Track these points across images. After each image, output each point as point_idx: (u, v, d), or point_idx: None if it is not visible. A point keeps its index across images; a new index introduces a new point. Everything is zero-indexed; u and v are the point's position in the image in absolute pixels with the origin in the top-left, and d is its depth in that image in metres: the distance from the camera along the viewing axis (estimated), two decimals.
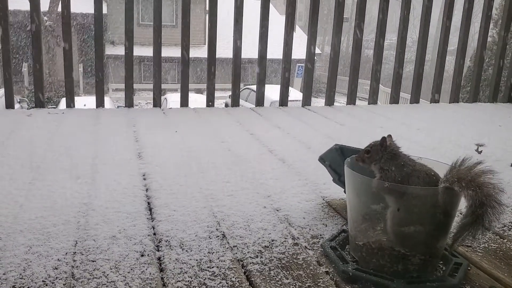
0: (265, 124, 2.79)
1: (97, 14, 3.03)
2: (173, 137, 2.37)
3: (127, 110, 3.05)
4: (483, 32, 3.74)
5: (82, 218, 1.38)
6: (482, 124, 3.01)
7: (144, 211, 1.45)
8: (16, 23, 15.72)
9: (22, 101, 13.12)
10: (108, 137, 2.33)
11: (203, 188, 1.66)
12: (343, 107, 3.49)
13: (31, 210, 1.41)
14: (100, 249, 1.20)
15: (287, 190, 1.67)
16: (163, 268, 1.13)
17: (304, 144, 2.32)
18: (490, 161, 2.00)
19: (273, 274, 1.12)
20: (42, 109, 2.96)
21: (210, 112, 3.09)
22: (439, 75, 3.70)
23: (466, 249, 1.28)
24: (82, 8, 15.44)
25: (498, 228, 1.43)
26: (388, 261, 1.09)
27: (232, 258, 1.19)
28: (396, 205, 1.05)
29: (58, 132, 2.41)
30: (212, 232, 1.32)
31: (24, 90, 16.50)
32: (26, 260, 1.13)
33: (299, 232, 1.35)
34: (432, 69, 4.19)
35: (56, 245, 1.21)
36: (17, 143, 2.17)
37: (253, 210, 1.49)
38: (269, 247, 1.25)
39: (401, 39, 3.58)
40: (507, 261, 1.23)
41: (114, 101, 14.81)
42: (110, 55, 18.43)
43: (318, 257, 1.21)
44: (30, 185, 1.63)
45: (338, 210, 1.52)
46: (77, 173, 1.76)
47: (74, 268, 1.11)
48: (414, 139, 2.49)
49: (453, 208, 1.06)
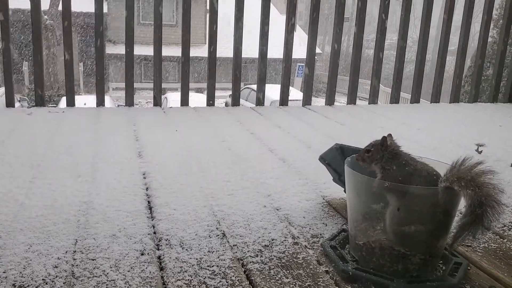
0: (266, 124, 2.79)
1: (97, 13, 3.03)
2: (173, 136, 2.37)
3: (127, 109, 3.05)
4: (484, 32, 3.74)
5: (82, 216, 1.38)
6: (483, 124, 3.01)
7: (144, 210, 1.45)
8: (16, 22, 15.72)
9: (22, 99, 13.12)
10: (108, 136, 2.33)
11: (203, 187, 1.66)
12: (344, 107, 3.49)
13: (31, 209, 1.41)
14: (100, 248, 1.20)
15: (287, 190, 1.67)
16: (163, 267, 1.13)
17: (305, 143, 2.32)
18: (490, 161, 2.00)
19: (273, 273, 1.12)
20: (42, 108, 2.96)
21: (211, 111, 3.09)
22: (440, 75, 3.70)
23: (466, 248, 1.28)
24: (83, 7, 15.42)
25: (498, 228, 1.43)
26: (388, 261, 1.09)
27: (232, 257, 1.19)
28: (396, 205, 1.06)
29: (59, 131, 2.41)
30: (212, 231, 1.32)
31: (24, 89, 16.51)
32: (26, 258, 1.13)
33: (299, 231, 1.35)
34: (432, 69, 4.19)
35: (56, 243, 1.21)
36: (17, 142, 2.17)
37: (253, 209, 1.49)
38: (269, 246, 1.25)
39: (401, 38, 3.57)
40: (507, 261, 1.23)
41: (114, 100, 14.80)
42: (111, 54, 18.44)
43: (318, 257, 1.21)
44: (31, 183, 1.63)
45: (338, 209, 1.52)
46: (77, 172, 1.76)
47: (74, 266, 1.11)
48: (415, 139, 2.49)
49: (453, 207, 1.06)
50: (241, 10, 3.19)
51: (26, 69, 16.36)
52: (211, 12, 3.17)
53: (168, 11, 19.16)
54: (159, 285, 1.05)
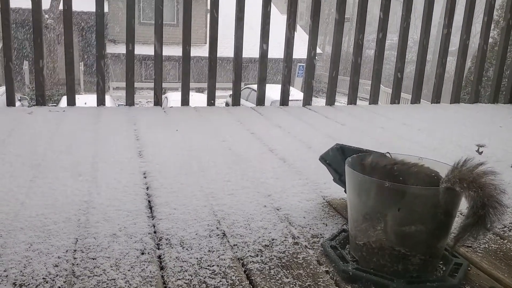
0: (266, 124, 2.79)
1: (98, 12, 3.03)
2: (174, 135, 2.37)
3: (128, 109, 3.05)
4: (484, 33, 3.74)
5: (83, 216, 1.38)
6: (483, 124, 3.01)
7: (144, 210, 1.45)
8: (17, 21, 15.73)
9: (23, 99, 13.13)
10: (108, 136, 2.33)
11: (204, 186, 1.66)
12: (344, 107, 3.50)
13: (32, 208, 1.41)
14: (101, 247, 1.20)
15: (287, 189, 1.67)
16: (164, 266, 1.13)
17: (305, 143, 2.32)
18: (491, 162, 2.00)
19: (273, 273, 1.12)
20: (43, 107, 2.96)
21: (211, 111, 3.09)
22: (440, 75, 3.70)
23: (467, 249, 1.28)
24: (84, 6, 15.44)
25: (499, 228, 1.43)
26: (389, 261, 1.09)
27: (232, 256, 1.19)
28: (397, 205, 1.06)
29: (59, 130, 2.41)
30: (212, 230, 1.33)
31: (25, 88, 16.52)
32: (27, 257, 1.13)
33: (299, 231, 1.35)
34: (433, 69, 4.19)
35: (56, 242, 1.21)
36: (18, 141, 2.17)
37: (253, 209, 1.49)
38: (269, 246, 1.25)
39: (402, 38, 3.57)
40: (507, 261, 1.23)
41: (115, 100, 14.81)
42: (111, 54, 18.45)
43: (318, 257, 1.21)
44: (31, 182, 1.63)
45: (339, 209, 1.52)
46: (78, 171, 1.76)
47: (75, 265, 1.11)
48: (415, 139, 2.49)
49: (454, 208, 1.06)
50: (242, 10, 3.19)
51: (26, 68, 16.37)
52: (212, 9, 3.17)
53: (169, 11, 19.16)
54: (159, 285, 1.05)
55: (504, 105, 3.83)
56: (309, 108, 3.35)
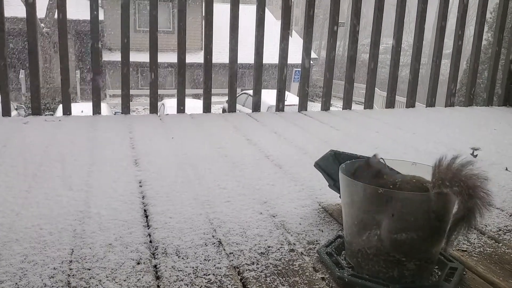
0: (262, 130, 2.80)
1: (93, 19, 3.04)
2: (170, 143, 2.37)
3: (123, 117, 3.05)
4: (478, 36, 3.77)
5: (79, 226, 1.38)
6: (478, 128, 3.03)
7: (140, 219, 1.45)
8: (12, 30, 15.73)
9: (19, 108, 13.11)
10: (104, 144, 2.33)
11: (200, 194, 1.66)
12: (339, 112, 3.51)
13: (27, 219, 1.41)
14: (96, 257, 1.20)
15: (283, 196, 1.68)
16: (159, 276, 1.13)
17: (301, 149, 2.33)
18: (485, 165, 2.01)
19: (269, 281, 1.12)
20: (39, 117, 2.96)
21: (207, 118, 3.10)
22: (434, 79, 3.72)
23: (462, 253, 1.29)
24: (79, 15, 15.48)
25: (493, 232, 1.44)
26: (384, 267, 1.09)
27: (228, 265, 1.19)
28: (390, 211, 1.06)
29: (55, 139, 2.41)
30: (208, 239, 1.33)
31: (21, 97, 16.49)
32: (22, 269, 1.13)
33: (295, 238, 1.36)
34: (427, 72, 4.21)
35: (52, 253, 1.21)
36: (13, 151, 2.17)
37: (249, 216, 1.49)
38: (265, 253, 1.25)
39: (396, 42, 3.59)
40: (502, 265, 1.23)
41: (111, 107, 14.82)
42: (107, 61, 18.46)
43: (314, 263, 1.21)
44: (27, 193, 1.63)
45: (334, 215, 1.52)
46: (73, 181, 1.76)
47: (70, 276, 1.11)
48: (410, 143, 2.50)
49: (446, 212, 1.07)
50: (236, 17, 3.20)
51: (22, 77, 16.36)
52: (207, 13, 3.19)
53: (164, 18, 19.20)
54: None
55: (499, 107, 3.85)
56: (304, 114, 3.36)
